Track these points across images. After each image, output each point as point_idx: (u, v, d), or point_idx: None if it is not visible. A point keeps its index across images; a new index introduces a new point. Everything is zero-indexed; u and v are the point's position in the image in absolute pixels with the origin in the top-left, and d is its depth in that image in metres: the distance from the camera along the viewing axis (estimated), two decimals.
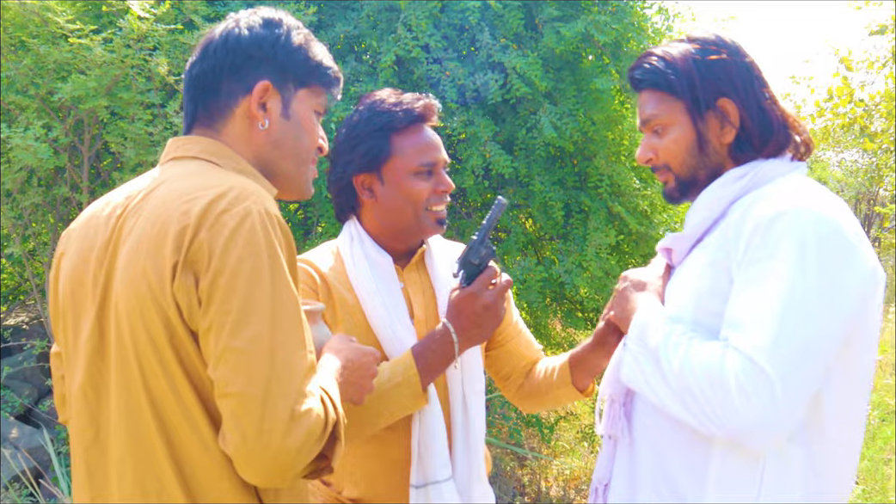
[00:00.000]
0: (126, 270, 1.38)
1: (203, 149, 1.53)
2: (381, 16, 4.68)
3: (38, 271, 5.01)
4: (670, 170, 1.88)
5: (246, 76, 1.55)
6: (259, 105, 1.55)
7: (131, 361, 1.37)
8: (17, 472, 4.48)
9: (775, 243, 1.59)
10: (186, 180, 1.43)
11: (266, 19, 1.59)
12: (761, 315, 1.55)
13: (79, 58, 3.99)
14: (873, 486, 5.50)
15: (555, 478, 5.89)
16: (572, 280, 4.56)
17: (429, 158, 2.05)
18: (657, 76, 1.84)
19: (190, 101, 1.59)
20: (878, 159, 12.53)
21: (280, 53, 1.57)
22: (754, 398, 1.51)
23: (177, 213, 1.35)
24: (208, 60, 1.56)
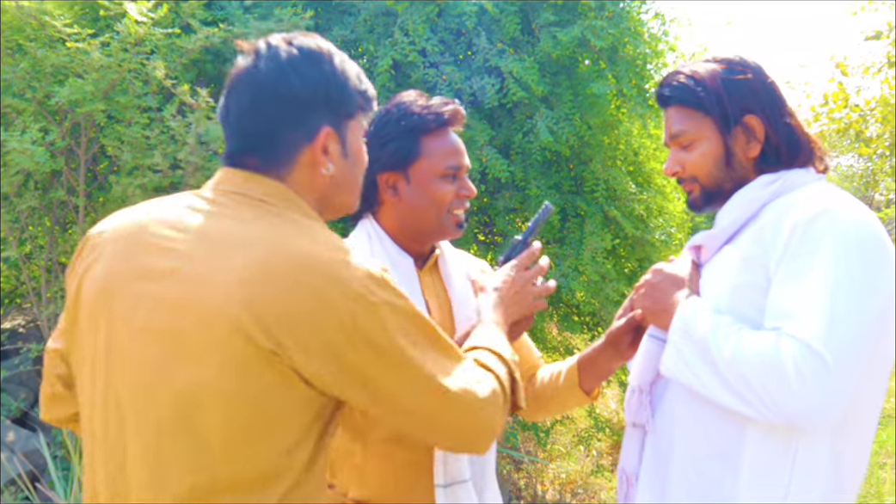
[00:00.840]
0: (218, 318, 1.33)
1: (269, 192, 1.47)
2: (378, 20, 4.69)
3: (34, 275, 5.01)
4: (697, 181, 1.96)
5: (306, 124, 1.49)
6: (323, 151, 1.50)
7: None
8: (12, 475, 4.48)
9: (816, 240, 1.69)
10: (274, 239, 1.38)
11: (308, 55, 1.51)
12: (813, 305, 1.64)
13: (76, 61, 3.99)
14: (868, 490, 5.52)
15: (551, 481, 5.90)
16: (568, 284, 4.56)
17: (455, 162, 2.06)
18: (687, 93, 1.92)
19: (247, 148, 1.50)
20: (874, 164, 12.57)
21: (333, 94, 1.51)
22: (812, 381, 1.58)
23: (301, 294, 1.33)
24: (260, 111, 1.47)
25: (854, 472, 1.82)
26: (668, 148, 2.01)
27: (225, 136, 1.53)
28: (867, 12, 10.17)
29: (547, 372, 2.27)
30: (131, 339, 1.39)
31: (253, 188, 1.46)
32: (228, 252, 1.35)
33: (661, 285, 1.93)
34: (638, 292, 2.01)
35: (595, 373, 2.16)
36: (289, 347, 1.31)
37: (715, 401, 1.73)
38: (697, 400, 1.80)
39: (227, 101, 1.51)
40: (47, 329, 4.72)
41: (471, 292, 2.13)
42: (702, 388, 1.75)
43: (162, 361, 1.36)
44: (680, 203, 5.51)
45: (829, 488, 1.75)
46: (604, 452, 6.34)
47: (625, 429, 2.05)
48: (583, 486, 5.83)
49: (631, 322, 2.03)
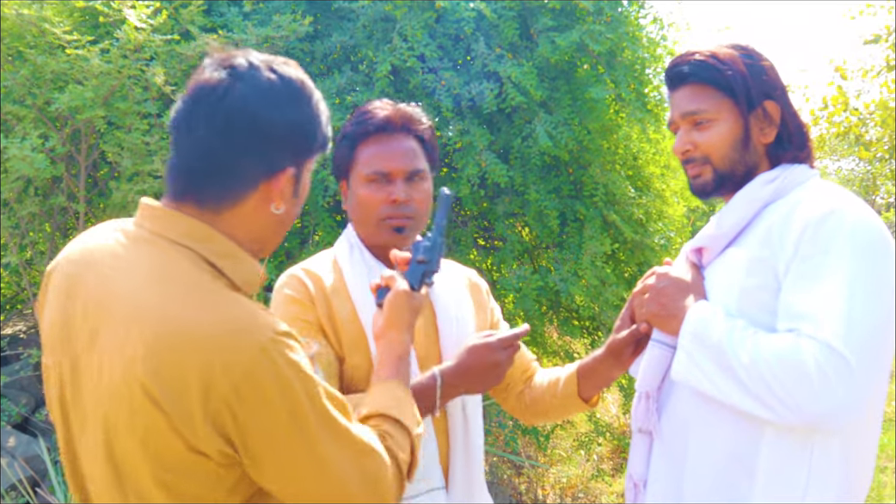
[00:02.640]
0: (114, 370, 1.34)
1: (185, 232, 1.41)
2: (377, 26, 4.69)
3: (35, 280, 5.01)
4: (709, 162, 1.93)
5: (271, 161, 1.43)
6: (279, 191, 1.45)
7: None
8: (13, 481, 4.48)
9: (827, 241, 1.69)
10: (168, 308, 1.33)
11: (291, 90, 1.46)
12: (830, 306, 1.64)
13: (76, 68, 4.00)
14: (869, 494, 5.50)
15: (551, 486, 5.89)
16: (568, 288, 4.57)
17: (380, 167, 2.01)
18: (710, 71, 1.91)
19: (196, 172, 1.43)
20: (874, 168, 12.58)
21: (306, 136, 1.47)
22: (835, 381, 1.58)
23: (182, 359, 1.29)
24: (233, 139, 1.40)
25: (863, 473, 1.83)
26: (674, 129, 1.98)
27: (178, 147, 1.45)
28: (866, 16, 10.18)
29: (545, 378, 2.24)
30: (75, 399, 1.43)
31: (170, 228, 1.42)
32: (130, 321, 1.33)
33: (667, 290, 1.91)
34: (638, 297, 2.00)
35: (595, 381, 2.14)
36: (175, 421, 1.29)
37: (732, 405, 1.73)
38: (709, 403, 1.80)
39: (192, 113, 1.42)
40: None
41: (460, 307, 2.11)
42: (718, 394, 1.74)
43: (97, 421, 1.37)
44: (679, 207, 5.52)
45: (842, 490, 1.76)
46: (604, 457, 6.33)
47: (630, 435, 2.04)
48: (583, 490, 5.83)
49: (634, 333, 2.00)
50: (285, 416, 1.33)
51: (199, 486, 1.35)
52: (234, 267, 1.43)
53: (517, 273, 4.61)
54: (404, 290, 1.79)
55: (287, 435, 1.34)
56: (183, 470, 1.33)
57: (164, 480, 1.33)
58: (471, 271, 2.32)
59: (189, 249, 1.40)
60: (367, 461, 1.44)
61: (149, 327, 1.31)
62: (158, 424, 1.30)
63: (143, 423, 1.30)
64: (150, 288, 1.36)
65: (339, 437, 1.40)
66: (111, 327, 1.35)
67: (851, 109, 10.75)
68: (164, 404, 1.28)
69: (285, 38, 4.43)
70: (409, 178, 2.03)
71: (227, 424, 1.30)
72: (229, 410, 1.29)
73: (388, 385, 1.67)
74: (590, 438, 5.52)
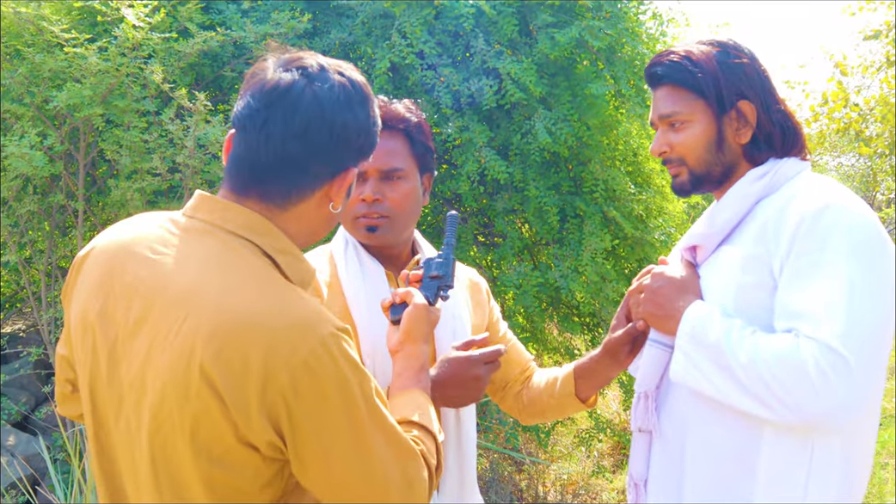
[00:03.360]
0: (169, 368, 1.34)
1: (243, 224, 1.44)
2: (376, 22, 4.69)
3: (34, 279, 5.01)
4: (685, 164, 1.94)
5: (338, 161, 1.48)
6: (344, 190, 1.51)
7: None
8: (13, 479, 4.48)
9: (823, 237, 1.68)
10: (231, 295, 1.34)
11: (361, 93, 1.50)
12: (828, 305, 1.63)
13: (74, 66, 4.00)
14: (870, 490, 5.51)
15: (552, 482, 5.89)
16: (568, 285, 4.56)
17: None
18: (682, 73, 1.91)
19: (267, 170, 1.45)
20: (874, 164, 12.57)
21: (369, 139, 1.53)
22: (835, 381, 1.58)
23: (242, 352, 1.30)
24: (310, 139, 1.43)
25: (862, 470, 1.83)
26: (655, 128, 1.99)
27: (248, 144, 1.46)
28: (866, 12, 10.17)
29: (542, 378, 2.23)
30: (111, 384, 1.43)
31: (228, 219, 1.44)
32: (188, 305, 1.34)
33: (664, 290, 1.90)
34: (635, 296, 2.00)
35: (592, 381, 2.13)
36: (231, 409, 1.30)
37: (731, 405, 1.72)
38: (708, 403, 1.79)
39: (269, 115, 1.43)
40: (47, 333, 4.72)
41: (457, 305, 2.10)
42: (716, 394, 1.74)
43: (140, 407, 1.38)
44: (679, 203, 5.51)
45: (843, 487, 1.76)
46: (605, 453, 6.33)
47: (631, 431, 2.05)
48: (584, 487, 5.83)
49: (631, 332, 1.99)
50: (340, 411, 1.34)
51: (237, 479, 1.35)
52: (291, 264, 1.47)
53: (517, 269, 4.61)
54: (423, 304, 1.81)
55: (339, 430, 1.35)
56: (226, 461, 1.34)
57: (204, 470, 1.34)
58: (471, 270, 2.31)
59: (247, 241, 1.43)
60: (410, 463, 1.45)
61: (210, 312, 1.32)
62: (211, 411, 1.31)
63: (195, 408, 1.31)
64: (208, 274, 1.37)
65: (389, 437, 1.42)
66: (164, 312, 1.36)
67: (851, 105, 10.74)
68: (222, 389, 1.29)
69: (284, 36, 4.42)
70: (384, 176, 2.01)
71: (280, 417, 1.31)
72: (284, 403, 1.30)
73: (412, 394, 1.69)
74: (590, 435, 5.51)
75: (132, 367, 1.38)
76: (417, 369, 1.74)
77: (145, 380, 1.36)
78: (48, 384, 4.99)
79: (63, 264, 5.25)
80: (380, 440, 1.40)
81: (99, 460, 1.49)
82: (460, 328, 2.07)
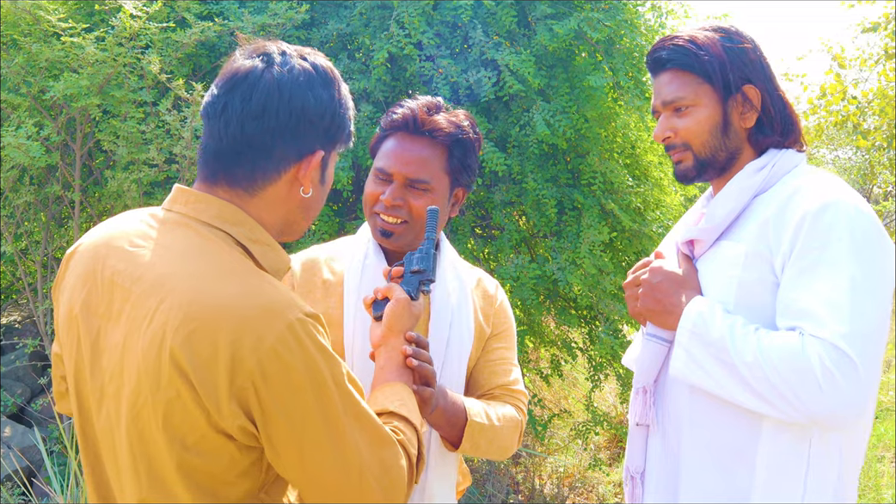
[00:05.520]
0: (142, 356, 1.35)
1: (216, 214, 1.46)
2: (374, 13, 4.67)
3: (30, 270, 5.00)
4: (689, 149, 1.93)
5: (302, 143, 1.48)
6: (309, 173, 1.50)
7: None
8: (9, 471, 4.47)
9: (825, 234, 1.69)
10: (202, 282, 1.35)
11: (323, 76, 1.51)
12: (832, 303, 1.64)
13: (71, 56, 3.98)
14: (867, 484, 5.51)
15: (549, 475, 5.90)
16: (566, 277, 4.55)
17: (383, 165, 2.02)
18: (688, 57, 1.90)
19: (229, 154, 1.46)
20: (872, 157, 12.57)
21: (336, 122, 1.52)
22: (841, 381, 1.59)
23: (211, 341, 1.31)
24: (267, 119, 1.44)
25: (855, 464, 1.84)
26: (656, 116, 1.97)
27: (211, 131, 1.48)
28: (864, 4, 10.16)
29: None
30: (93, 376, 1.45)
31: (202, 210, 1.46)
32: (161, 293, 1.35)
33: (662, 286, 1.90)
34: (631, 289, 1.99)
35: (440, 430, 1.99)
36: (201, 395, 1.31)
37: (732, 401, 1.73)
38: (707, 397, 1.80)
39: (228, 98, 1.46)
40: (43, 324, 4.72)
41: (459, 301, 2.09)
42: (719, 390, 1.74)
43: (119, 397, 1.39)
44: (677, 196, 5.51)
45: (840, 480, 1.77)
46: (602, 446, 6.34)
47: (627, 426, 2.04)
48: (581, 479, 5.83)
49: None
50: (310, 397, 1.34)
51: (213, 467, 1.36)
52: (265, 253, 1.48)
53: (515, 262, 4.60)
54: (405, 298, 1.81)
55: (310, 415, 1.35)
56: (201, 449, 1.34)
57: (180, 458, 1.34)
58: (489, 279, 2.26)
59: (221, 231, 1.45)
60: (386, 450, 1.45)
61: (181, 299, 1.33)
62: (183, 397, 1.31)
63: (167, 395, 1.32)
64: (181, 263, 1.39)
65: (363, 423, 1.42)
66: (139, 302, 1.37)
67: (849, 98, 10.73)
68: (192, 375, 1.30)
69: (281, 26, 4.41)
70: (408, 184, 2.01)
71: (251, 403, 1.31)
72: (254, 389, 1.30)
73: (394, 387, 1.69)
74: (587, 428, 5.50)
75: (112, 358, 1.40)
76: (399, 363, 1.74)
77: (123, 369, 1.38)
78: (44, 376, 4.99)
79: (59, 255, 5.23)
80: (353, 425, 1.39)
81: (85, 454, 1.50)
82: (457, 320, 2.07)
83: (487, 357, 2.15)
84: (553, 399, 7.02)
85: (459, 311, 2.09)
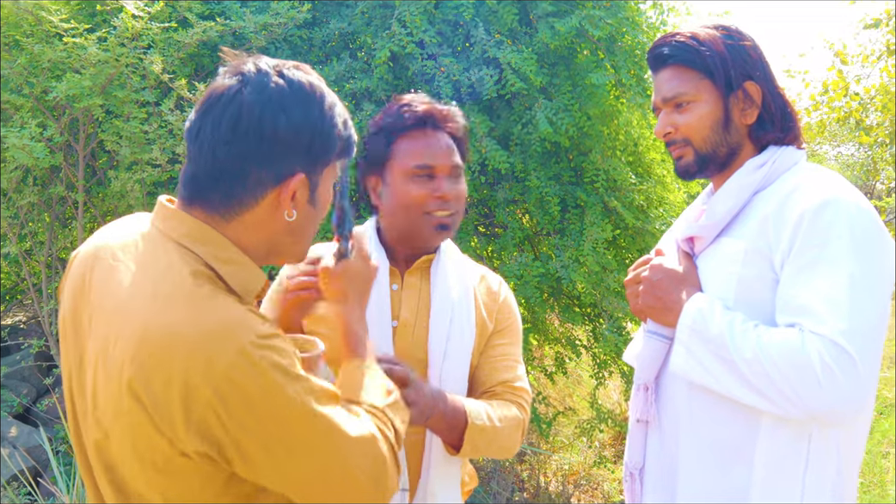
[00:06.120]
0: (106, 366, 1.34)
1: (186, 233, 1.42)
2: (376, 12, 4.68)
3: (34, 270, 5.01)
4: (690, 144, 1.94)
5: (279, 166, 1.41)
6: (290, 197, 1.43)
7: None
8: (15, 471, 4.48)
9: (825, 232, 1.69)
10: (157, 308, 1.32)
11: (299, 93, 1.43)
12: (831, 300, 1.65)
13: (73, 57, 3.99)
14: (871, 480, 5.51)
15: (553, 473, 5.90)
16: (569, 275, 4.55)
17: (424, 161, 2.00)
18: (690, 53, 1.91)
19: (204, 179, 1.42)
20: (874, 153, 12.56)
21: (316, 141, 1.44)
22: (841, 377, 1.59)
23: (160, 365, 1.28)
24: (237, 144, 1.38)
25: (854, 460, 1.84)
26: (657, 112, 1.99)
27: (189, 154, 1.45)
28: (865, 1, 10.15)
29: None
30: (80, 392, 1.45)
31: (174, 228, 1.43)
32: (120, 319, 1.34)
33: (662, 283, 1.91)
34: (632, 287, 1.99)
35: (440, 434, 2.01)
36: (159, 423, 1.29)
37: (733, 398, 1.73)
38: (706, 393, 1.81)
39: (202, 122, 1.42)
40: (48, 325, 4.72)
41: (460, 297, 2.09)
42: (718, 387, 1.75)
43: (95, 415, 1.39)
44: (680, 193, 5.50)
45: (839, 477, 1.78)
46: (606, 444, 6.34)
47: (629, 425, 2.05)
48: (586, 477, 5.83)
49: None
50: (279, 419, 1.31)
51: (188, 486, 1.34)
52: (234, 272, 1.43)
53: (518, 260, 4.60)
54: (336, 266, 1.75)
55: (280, 434, 1.32)
56: (171, 471, 1.33)
57: (154, 481, 1.34)
58: (494, 277, 2.27)
59: (187, 249, 1.40)
60: (366, 443, 1.42)
61: (134, 327, 1.31)
62: (143, 424, 1.30)
63: (130, 421, 1.30)
64: (140, 286, 1.36)
65: (336, 427, 1.38)
66: (108, 322, 1.36)
67: (852, 94, 10.72)
68: (148, 405, 1.28)
69: (283, 26, 4.42)
70: (452, 174, 2.04)
71: (214, 429, 1.28)
72: (215, 415, 1.27)
73: (347, 368, 1.64)
74: (592, 425, 5.51)
75: (90, 375, 1.39)
76: (344, 335, 1.68)
77: (97, 389, 1.37)
78: (49, 376, 5.00)
79: (63, 256, 5.25)
80: (326, 432, 1.36)
81: (80, 460, 1.51)
82: (458, 315, 2.07)
83: (489, 353, 2.15)
84: (558, 397, 7.03)
85: (460, 306, 2.09)
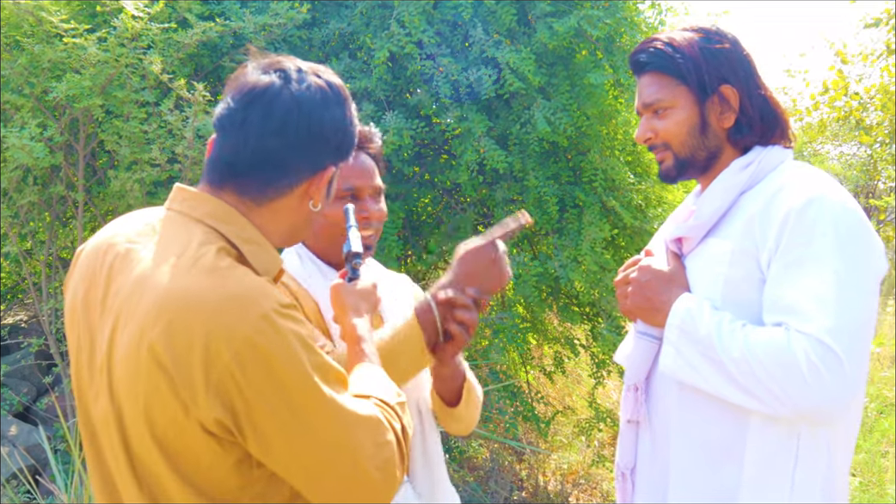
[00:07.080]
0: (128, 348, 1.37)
1: (209, 212, 1.48)
2: (375, 12, 4.69)
3: (35, 270, 5.02)
4: (669, 149, 1.95)
5: (316, 159, 1.52)
6: (321, 188, 1.54)
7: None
8: (14, 469, 4.50)
9: (810, 231, 1.70)
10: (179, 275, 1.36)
11: (338, 94, 1.55)
12: (817, 298, 1.65)
13: (73, 57, 4.00)
14: (870, 479, 5.52)
15: (552, 472, 5.91)
16: (567, 274, 4.57)
17: (350, 183, 2.01)
18: (664, 60, 1.92)
19: (244, 167, 1.49)
20: (875, 152, 12.56)
21: (346, 139, 1.57)
22: (827, 376, 1.60)
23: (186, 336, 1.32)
24: (287, 136, 1.47)
25: (844, 459, 1.85)
26: (641, 116, 2.00)
27: (226, 143, 1.50)
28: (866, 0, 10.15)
29: None
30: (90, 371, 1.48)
31: (195, 207, 1.49)
32: (141, 290, 1.38)
33: (651, 284, 1.92)
34: (621, 287, 2.00)
35: (440, 386, 2.07)
36: (178, 385, 1.32)
37: (720, 397, 1.74)
38: (696, 393, 1.81)
39: (246, 113, 1.48)
40: (48, 324, 4.73)
41: (399, 306, 2.11)
42: (707, 386, 1.76)
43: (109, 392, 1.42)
44: (678, 193, 5.51)
45: (828, 476, 1.78)
46: (605, 443, 6.35)
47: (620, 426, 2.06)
48: (584, 476, 5.84)
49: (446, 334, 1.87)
50: (293, 386, 1.35)
51: (197, 463, 1.37)
52: (256, 252, 1.49)
53: (517, 259, 4.61)
54: (337, 283, 1.81)
55: (294, 403, 1.35)
56: (181, 444, 1.35)
57: (166, 454, 1.36)
58: (402, 276, 2.31)
59: (211, 229, 1.46)
60: (375, 430, 1.44)
61: (157, 292, 1.35)
62: (161, 390, 1.33)
63: (146, 387, 1.34)
64: (163, 256, 1.41)
65: (347, 406, 1.41)
66: (126, 297, 1.40)
67: (852, 94, 10.72)
68: (170, 366, 1.32)
69: (283, 26, 4.43)
70: (374, 194, 2.06)
71: (231, 394, 1.31)
72: (234, 381, 1.31)
73: (359, 370, 1.66)
74: (590, 424, 5.52)
75: (103, 353, 1.42)
76: (353, 343, 1.72)
77: (111, 365, 1.40)
78: (49, 375, 5.01)
79: (64, 255, 5.27)
80: (338, 409, 1.39)
81: (89, 451, 1.52)
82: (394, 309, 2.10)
83: None
84: (556, 396, 7.03)
85: (394, 301, 2.12)
